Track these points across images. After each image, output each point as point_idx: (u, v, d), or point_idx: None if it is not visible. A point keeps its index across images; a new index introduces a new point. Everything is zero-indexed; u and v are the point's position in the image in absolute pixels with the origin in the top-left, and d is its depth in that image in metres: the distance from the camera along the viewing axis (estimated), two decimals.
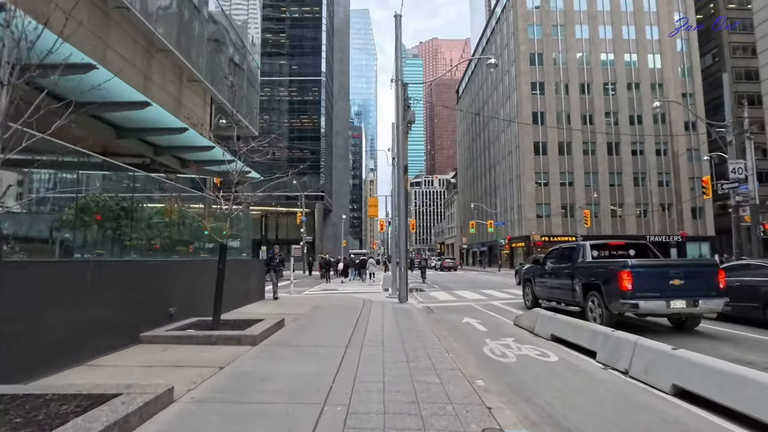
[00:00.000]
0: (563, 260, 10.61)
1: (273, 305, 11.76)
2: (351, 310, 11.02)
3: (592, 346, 6.35)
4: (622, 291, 7.92)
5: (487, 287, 21.96)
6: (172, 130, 9.70)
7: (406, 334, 7.61)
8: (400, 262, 13.35)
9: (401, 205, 13.28)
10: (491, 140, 69.52)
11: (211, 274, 9.21)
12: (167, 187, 8.73)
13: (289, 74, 65.27)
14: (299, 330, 7.89)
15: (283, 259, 14.37)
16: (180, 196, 8.66)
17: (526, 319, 9.03)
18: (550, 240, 52.86)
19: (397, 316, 9.91)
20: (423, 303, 14.38)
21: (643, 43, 56.58)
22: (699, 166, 54.72)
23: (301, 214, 43.26)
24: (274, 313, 10.18)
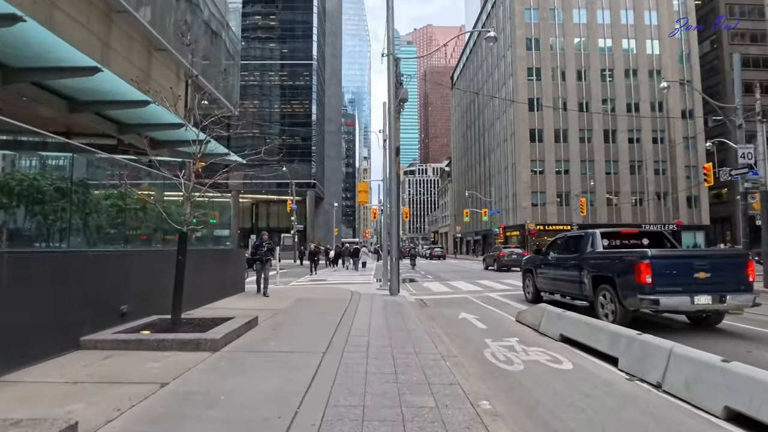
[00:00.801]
0: (569, 250, 9.68)
1: (253, 299, 10.75)
2: (337, 304, 10.05)
3: (613, 351, 5.42)
4: (641, 285, 7.01)
5: (483, 278, 21.13)
6: (131, 103, 8.58)
7: (396, 334, 6.65)
8: (392, 252, 12.38)
9: (393, 189, 12.26)
10: (486, 128, 68.41)
11: None
12: (124, 167, 7.61)
13: (280, 58, 63.42)
14: (274, 330, 6.89)
15: (273, 248, 12.23)
16: (128, 176, 7.54)
17: (530, 315, 8.11)
18: (545, 229, 52.22)
19: (386, 312, 8.96)
20: (416, 295, 13.46)
21: (642, 28, 55.45)
22: (695, 155, 54.19)
23: (291, 202, 42.12)
24: (250, 308, 9.18)
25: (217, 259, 10.96)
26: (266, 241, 11.74)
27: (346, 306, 9.73)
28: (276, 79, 62.89)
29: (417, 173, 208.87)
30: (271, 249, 11.81)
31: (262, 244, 11.61)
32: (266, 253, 11.58)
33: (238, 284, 12.18)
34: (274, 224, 59.95)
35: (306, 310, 9.06)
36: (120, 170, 7.23)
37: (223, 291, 10.90)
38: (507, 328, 7.96)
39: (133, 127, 10.36)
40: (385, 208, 13.50)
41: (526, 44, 54.72)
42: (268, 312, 8.65)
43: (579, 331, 6.29)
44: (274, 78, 62.88)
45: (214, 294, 10.32)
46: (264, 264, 11.51)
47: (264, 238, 11.77)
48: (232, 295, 11.42)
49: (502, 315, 9.58)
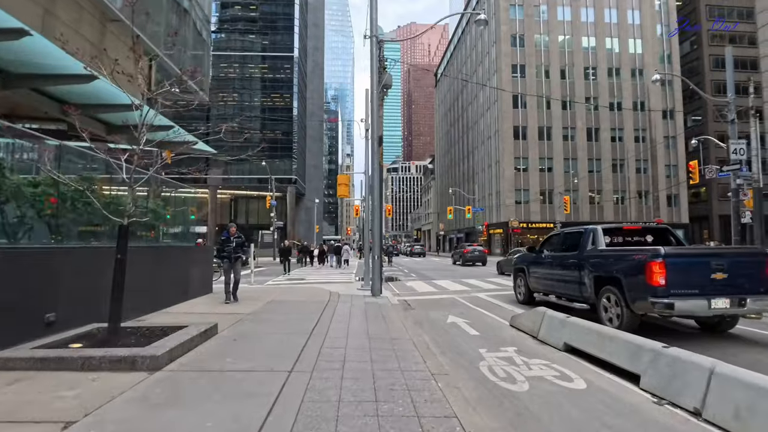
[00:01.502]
0: (567, 248, 8.90)
1: (219, 302, 9.69)
2: (313, 307, 9.08)
3: (633, 367, 4.60)
4: (652, 287, 6.23)
5: (468, 276, 20.38)
6: (73, 77, 7.44)
7: (378, 345, 5.73)
8: (374, 249, 11.45)
9: (375, 181, 11.33)
10: (470, 125, 67.99)
11: (131, 264, 7.14)
12: (52, 150, 6.48)
13: (261, 50, 61.65)
14: (235, 341, 5.90)
15: (244, 242, 10.10)
16: (67, 162, 6.44)
17: (527, 320, 7.28)
18: (528, 227, 52.05)
19: (367, 316, 8.03)
20: (399, 296, 12.57)
21: (625, 27, 55.65)
22: (675, 154, 54.72)
23: (271, 198, 40.80)
24: (213, 312, 8.15)
25: (180, 258, 9.87)
26: (234, 234, 9.82)
27: (323, 309, 8.77)
28: (256, 71, 61.12)
29: (400, 171, 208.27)
30: (241, 244, 9.94)
31: (229, 239, 9.74)
32: (235, 250, 9.74)
33: (206, 285, 11.09)
34: (254, 221, 58.39)
35: (277, 315, 8.07)
36: (47, 153, 6.10)
37: (186, 293, 9.81)
38: (501, 335, 7.12)
39: (82, 108, 9.16)
40: (366, 202, 12.56)
41: (511, 40, 54.34)
42: (232, 317, 7.64)
43: (588, 341, 5.47)
44: (255, 70, 61.10)
45: (176, 296, 9.24)
46: (233, 262, 9.75)
47: (232, 231, 9.86)
48: (197, 297, 10.34)
49: (494, 318, 8.76)
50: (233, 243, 9.79)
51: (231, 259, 9.73)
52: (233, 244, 9.78)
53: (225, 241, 9.86)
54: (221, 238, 9.98)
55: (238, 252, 9.87)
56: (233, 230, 9.99)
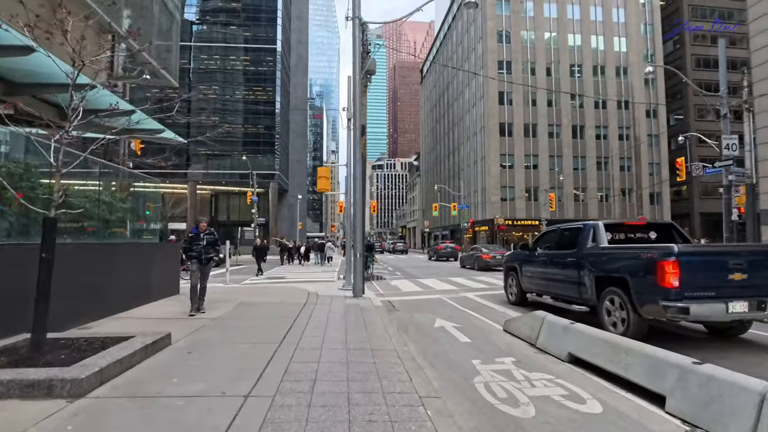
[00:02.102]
0: (564, 245, 8.24)
1: (183, 305, 8.78)
2: (287, 310, 8.24)
3: (655, 385, 3.91)
4: (664, 289, 5.58)
5: (454, 274, 19.73)
6: (5, 49, 6.44)
7: (357, 357, 4.94)
8: (356, 245, 10.65)
9: (357, 173, 10.51)
10: (455, 121, 67.54)
11: (77, 264, 6.24)
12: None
13: (244, 42, 60.01)
14: (188, 354, 5.05)
15: (217, 241, 8.42)
16: None
17: (524, 325, 6.58)
18: (514, 224, 51.84)
19: (347, 321, 7.23)
20: (383, 296, 11.81)
21: (610, 25, 55.73)
22: (658, 152, 55.11)
23: (252, 194, 39.62)
24: (172, 317, 7.27)
25: (141, 256, 8.92)
26: (205, 231, 8.12)
27: (299, 313, 7.94)
28: (238, 64, 59.52)
29: (385, 168, 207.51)
30: (213, 243, 8.22)
31: (199, 236, 8.06)
32: (206, 249, 8.05)
33: (172, 285, 10.15)
34: (235, 217, 57.03)
35: (245, 321, 7.21)
36: None
37: (147, 294, 8.88)
38: (495, 342, 6.40)
39: (26, 87, 8.15)
40: (347, 195, 11.75)
41: (497, 37, 53.95)
42: (194, 323, 6.77)
43: (598, 353, 4.77)
44: (237, 63, 59.50)
45: (135, 298, 8.31)
46: (204, 265, 8.07)
47: (202, 227, 8.15)
48: (161, 298, 9.40)
49: (485, 322, 8.05)
50: (203, 241, 8.10)
51: (201, 260, 8.08)
52: (203, 243, 8.09)
53: (193, 239, 8.13)
54: (189, 234, 8.33)
55: (210, 252, 8.18)
56: (203, 226, 8.25)
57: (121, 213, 8.59)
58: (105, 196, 8.06)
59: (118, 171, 8.81)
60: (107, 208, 8.00)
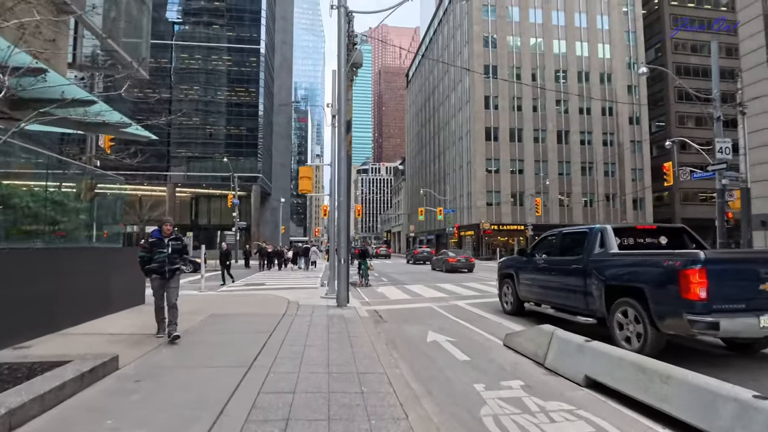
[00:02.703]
0: (567, 251, 7.59)
1: (146, 317, 7.84)
2: (263, 323, 7.39)
3: (704, 423, 3.21)
4: (689, 301, 4.93)
5: (441, 280, 19.05)
6: None
7: (341, 385, 4.15)
8: (340, 250, 9.85)
9: (342, 172, 9.73)
10: (441, 125, 67.31)
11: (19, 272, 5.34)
12: None
13: (227, 41, 58.72)
14: (136, 384, 4.18)
15: (185, 248, 6.58)
16: None
17: (529, 341, 5.87)
18: (499, 228, 51.59)
19: (330, 337, 6.42)
20: (369, 305, 11.01)
21: (594, 32, 56.22)
22: (641, 158, 55.62)
23: (233, 196, 38.41)
24: (129, 333, 6.36)
25: (100, 262, 7.96)
26: (170, 235, 6.33)
27: (275, 326, 7.10)
28: (221, 64, 58.19)
29: (370, 172, 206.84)
30: (180, 250, 6.45)
31: (162, 242, 6.25)
32: (171, 258, 6.25)
33: (136, 294, 9.18)
34: (216, 221, 55.54)
35: (213, 337, 6.35)
36: None
37: (107, 305, 7.92)
38: (497, 361, 5.67)
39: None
40: (332, 196, 10.95)
41: (483, 41, 53.90)
42: (150, 342, 5.88)
43: (623, 377, 4.06)
44: (219, 63, 58.16)
45: (90, 310, 7.36)
46: (168, 278, 6.20)
47: (166, 230, 6.33)
48: (123, 309, 8.45)
49: (482, 335, 7.32)
50: (168, 248, 6.27)
51: (164, 273, 6.18)
52: (168, 250, 6.25)
53: (155, 245, 6.25)
54: (149, 239, 6.33)
55: (176, 262, 6.37)
56: (168, 228, 6.38)
57: (76, 214, 7.65)
58: (55, 195, 7.12)
59: (69, 166, 7.86)
60: (58, 208, 7.06)
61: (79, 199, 7.75)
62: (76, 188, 8.58)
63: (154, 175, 53.90)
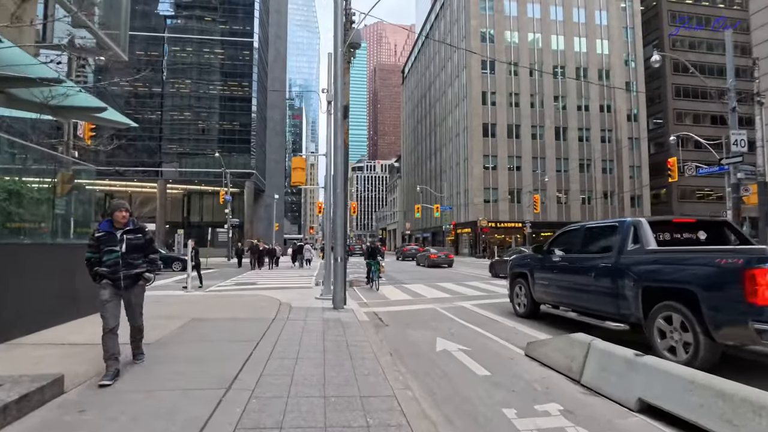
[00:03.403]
0: (591, 247, 6.78)
1: None
2: (249, 329, 6.50)
3: None
4: (757, 306, 4.13)
5: (442, 279, 18.25)
6: None
7: (340, 417, 3.29)
8: (336, 247, 8.99)
9: (339, 162, 8.85)
10: (438, 122, 66.48)
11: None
12: None
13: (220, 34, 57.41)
14: (77, 416, 3.29)
15: (149, 243, 4.41)
16: None
17: (556, 352, 5.04)
18: (497, 226, 50.88)
19: (326, 348, 5.56)
20: (367, 306, 10.15)
21: (593, 27, 55.55)
22: (639, 155, 55.07)
23: (224, 193, 37.38)
24: (90, 343, 5.45)
25: (60, 260, 7.03)
26: (124, 224, 4.43)
27: (263, 333, 6.22)
28: (213, 57, 56.90)
29: (365, 170, 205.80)
30: (142, 247, 4.50)
31: (113, 236, 4.37)
32: (128, 259, 4.38)
33: None
34: (209, 218, 54.40)
35: (188, 349, 5.46)
36: None
37: (70, 309, 7.00)
38: (523, 376, 4.83)
39: None
40: (327, 189, 10.07)
41: (481, 36, 53.08)
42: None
43: (695, 404, 3.22)
44: (212, 57, 56.88)
45: (50, 315, 6.45)
46: (125, 288, 4.41)
47: (119, 217, 4.40)
48: (93, 312, 7.52)
49: (498, 343, 6.48)
50: (122, 244, 4.36)
51: (118, 280, 4.34)
52: (121, 248, 4.36)
53: (103, 240, 4.35)
54: (96, 233, 4.44)
55: (137, 264, 4.49)
56: (121, 216, 4.40)
57: (36, 206, 6.72)
58: (10, 183, 6.20)
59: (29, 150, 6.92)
60: (12, 198, 6.13)
61: (43, 190, 6.83)
62: (63, 181, 7.67)
63: (144, 171, 52.71)
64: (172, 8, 58.48)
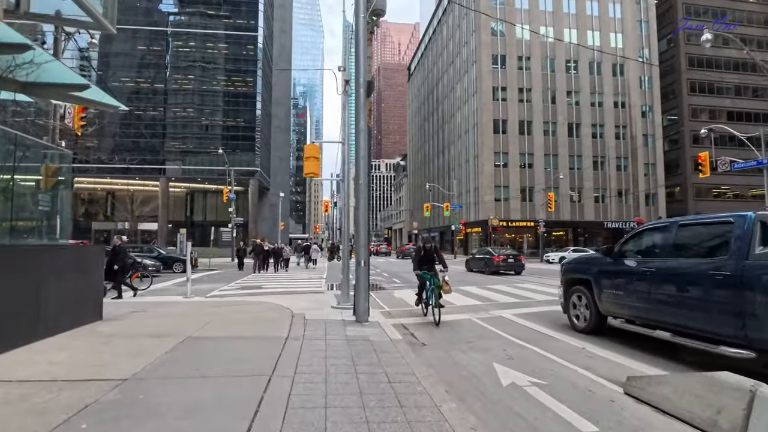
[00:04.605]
0: (690, 250, 5.34)
1: (93, 344, 5.56)
2: (257, 354, 5.09)
3: None
4: None
5: (462, 282, 16.78)
6: None
7: None
8: (358, 249, 7.58)
9: (362, 148, 7.43)
10: (446, 119, 64.94)
11: None
12: None
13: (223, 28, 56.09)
14: None
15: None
16: None
17: (684, 396, 3.61)
18: (508, 225, 49.35)
19: (361, 387, 4.14)
20: (392, 317, 8.72)
21: (606, 20, 53.86)
22: (654, 153, 53.35)
23: (228, 191, 36.06)
24: (44, 380, 4.06)
25: (20, 266, 5.65)
26: None
27: (275, 362, 4.81)
28: (217, 52, 55.60)
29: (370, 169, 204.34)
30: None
31: None
32: None
33: (86, 307, 6.88)
34: (212, 217, 53.18)
35: (174, 394, 4.04)
36: None
37: (36, 326, 5.62)
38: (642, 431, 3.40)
39: None
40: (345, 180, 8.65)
41: (491, 29, 51.52)
42: (70, 396, 3.58)
43: None
44: (215, 51, 55.57)
45: (8, 334, 5.07)
46: None
47: None
48: (67, 329, 6.15)
49: (577, 373, 5.03)
50: None
51: None
52: None
53: None
54: None
55: None
56: None
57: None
58: None
59: None
60: None
61: None
62: None
63: (146, 169, 51.47)
64: (176, 4, 57.24)
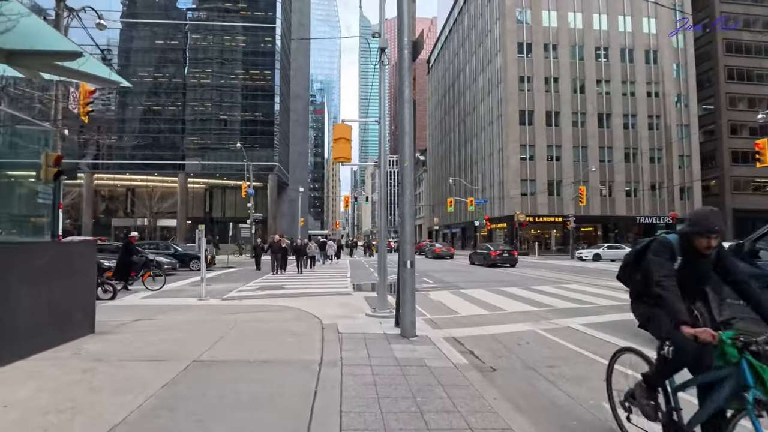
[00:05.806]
0: None
1: (74, 371, 4.29)
2: (281, 392, 3.75)
3: None
4: None
5: (498, 281, 15.23)
6: None
7: None
8: (403, 248, 6.18)
9: (406, 123, 6.00)
10: (468, 111, 62.95)
11: None
12: None
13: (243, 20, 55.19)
14: None
15: None
16: None
17: None
18: (535, 221, 47.36)
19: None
20: (438, 327, 7.30)
21: (638, 4, 51.04)
22: (689, 144, 50.51)
23: (247, 186, 35.11)
24: None
25: None
26: None
27: (311, 410, 3.46)
28: (234, 45, 54.77)
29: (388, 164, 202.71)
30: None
31: None
32: None
33: (73, 319, 5.66)
34: (231, 213, 52.53)
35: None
36: None
37: (9, 344, 4.40)
38: None
39: None
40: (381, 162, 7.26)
41: (517, 17, 49.35)
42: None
43: None
44: (233, 44, 54.75)
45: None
46: None
47: None
48: (47, 347, 4.93)
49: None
50: None
51: None
52: None
53: None
54: None
55: None
56: None
57: None
58: None
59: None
60: None
61: None
62: None
63: (166, 165, 51.02)
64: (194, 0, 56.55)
